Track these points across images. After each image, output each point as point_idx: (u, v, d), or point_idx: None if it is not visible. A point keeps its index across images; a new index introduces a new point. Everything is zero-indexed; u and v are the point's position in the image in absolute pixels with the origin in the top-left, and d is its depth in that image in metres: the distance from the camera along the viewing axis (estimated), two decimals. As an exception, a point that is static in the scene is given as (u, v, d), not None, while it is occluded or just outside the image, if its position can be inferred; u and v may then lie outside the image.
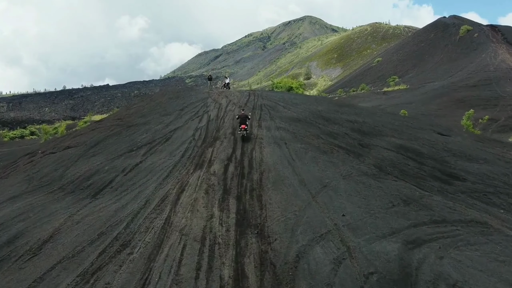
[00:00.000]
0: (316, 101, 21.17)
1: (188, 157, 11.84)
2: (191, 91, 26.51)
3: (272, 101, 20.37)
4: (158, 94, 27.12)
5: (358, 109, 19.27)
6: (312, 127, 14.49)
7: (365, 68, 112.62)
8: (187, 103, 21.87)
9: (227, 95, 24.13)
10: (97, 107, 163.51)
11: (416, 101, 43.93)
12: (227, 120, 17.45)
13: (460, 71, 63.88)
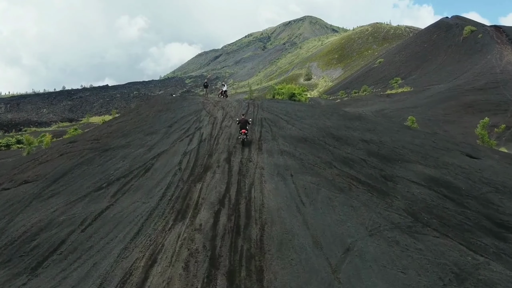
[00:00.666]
0: (323, 114, 19.15)
1: (169, 200, 9.45)
2: (184, 101, 24.26)
3: (274, 114, 18.54)
4: (146, 106, 24.75)
5: (370, 123, 17.29)
6: (322, 150, 12.57)
7: (367, 69, 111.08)
8: (177, 117, 19.67)
9: (224, 106, 22.20)
10: (95, 108, 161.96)
11: (422, 105, 42.37)
12: (222, 140, 15.33)
13: (465, 73, 62.30)
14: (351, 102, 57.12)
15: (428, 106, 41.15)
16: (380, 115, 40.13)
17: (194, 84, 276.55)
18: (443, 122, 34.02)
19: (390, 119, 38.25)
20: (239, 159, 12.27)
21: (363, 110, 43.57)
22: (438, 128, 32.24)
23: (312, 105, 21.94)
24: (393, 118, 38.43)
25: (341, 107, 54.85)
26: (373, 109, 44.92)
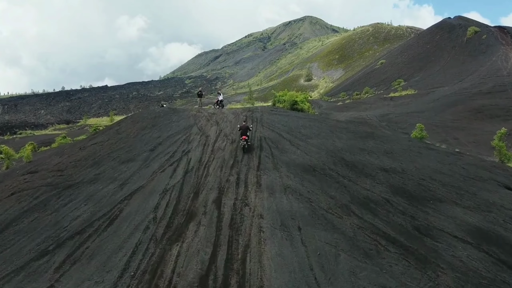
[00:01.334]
0: (330, 131, 16.79)
1: (131, 277, 6.87)
2: (174, 114, 21.70)
3: (275, 132, 16.22)
4: (129, 121, 21.35)
5: (386, 141, 15.31)
6: (334, 186, 10.32)
7: (368, 70, 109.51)
8: (163, 136, 17.17)
9: (218, 120, 19.90)
10: (94, 110, 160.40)
11: (428, 109, 40.80)
12: (213, 170, 12.69)
13: (470, 75, 60.72)
14: (354, 105, 55.51)
15: (435, 111, 39.55)
16: (385, 120, 38.59)
17: (193, 84, 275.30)
18: (452, 129, 32.42)
19: (396, 124, 36.70)
20: (232, 200, 10.03)
21: (367, 115, 42.02)
22: (447, 136, 30.65)
23: (318, 119, 19.54)
24: (399, 123, 36.88)
25: (344, 110, 53.30)
26: (377, 113, 43.33)
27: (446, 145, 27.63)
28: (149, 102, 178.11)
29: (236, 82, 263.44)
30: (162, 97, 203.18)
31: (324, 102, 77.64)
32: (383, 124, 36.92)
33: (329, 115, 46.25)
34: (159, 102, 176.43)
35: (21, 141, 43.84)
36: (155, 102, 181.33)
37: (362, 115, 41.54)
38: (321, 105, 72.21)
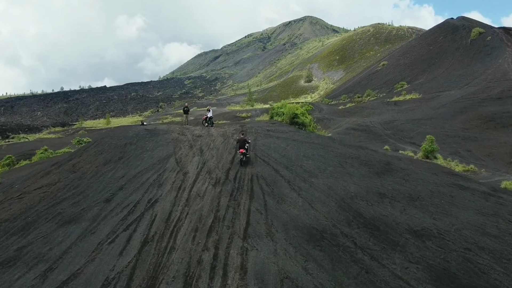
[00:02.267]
0: (340, 163, 13.90)
1: None
2: (151, 139, 17.94)
3: (271, 165, 13.43)
4: (93, 151, 17.44)
5: (408, 179, 12.77)
6: (353, 271, 7.36)
7: (370, 72, 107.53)
8: (129, 175, 13.67)
9: (203, 146, 16.82)
10: (91, 111, 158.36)
11: (436, 116, 38.86)
12: (182, 239, 9.34)
13: (476, 79, 58.78)
14: (357, 110, 53.53)
15: (443, 118, 37.57)
16: (390, 128, 36.65)
17: (193, 85, 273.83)
18: (463, 139, 30.45)
19: (402, 133, 34.73)
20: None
21: (371, 121, 40.08)
22: (459, 147, 28.68)
23: (322, 143, 16.39)
24: (405, 132, 34.95)
25: (346, 115, 51.40)
26: (382, 119, 41.35)
27: (459, 159, 25.66)
28: (148, 103, 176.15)
29: (236, 82, 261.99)
30: (161, 98, 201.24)
31: (325, 106, 75.69)
32: (389, 133, 34.97)
33: (331, 121, 44.36)
34: (158, 104, 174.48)
35: (8, 148, 41.75)
36: (154, 103, 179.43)
37: (366, 122, 39.62)
38: (322, 109, 70.22)
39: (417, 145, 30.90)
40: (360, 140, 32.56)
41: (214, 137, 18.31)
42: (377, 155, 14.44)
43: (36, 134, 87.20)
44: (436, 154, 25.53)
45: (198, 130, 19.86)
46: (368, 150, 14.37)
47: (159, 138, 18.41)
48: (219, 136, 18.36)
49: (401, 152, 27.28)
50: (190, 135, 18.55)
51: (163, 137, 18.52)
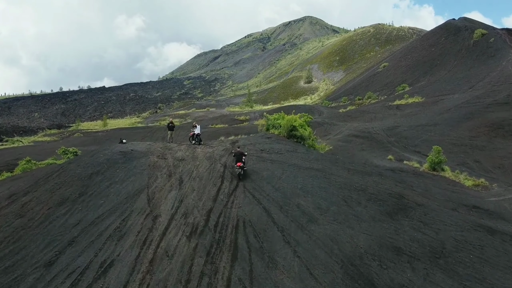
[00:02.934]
0: (344, 199, 11.65)
1: None
2: (123, 165, 15.33)
3: (262, 204, 11.02)
4: (50, 185, 14.42)
5: (427, 223, 10.71)
6: None
7: (371, 73, 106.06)
8: (85, 221, 11.24)
9: (184, 175, 14.22)
10: (89, 112, 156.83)
11: (440, 122, 37.41)
12: None
13: (480, 82, 57.37)
14: (358, 114, 52.07)
15: (448, 124, 36.12)
16: (394, 135, 35.20)
17: (192, 86, 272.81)
18: (471, 148, 29.00)
19: (406, 140, 33.28)
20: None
21: (373, 127, 38.64)
22: (467, 158, 27.24)
23: (323, 170, 14.14)
24: (409, 139, 33.51)
25: (347, 120, 49.96)
26: (384, 125, 39.90)
27: (467, 171, 24.21)
28: (146, 104, 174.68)
29: (235, 83, 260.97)
30: (160, 99, 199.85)
31: (325, 108, 74.26)
32: (392, 140, 33.53)
33: (332, 126, 42.91)
34: (156, 104, 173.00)
35: None
36: (152, 104, 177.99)
37: (368, 128, 38.17)
38: (322, 112, 68.76)
39: (422, 154, 29.47)
40: (362, 148, 31.12)
41: (199, 160, 15.68)
42: (386, 182, 12.71)
43: (31, 136, 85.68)
44: (443, 166, 24.08)
45: (181, 151, 16.97)
46: (375, 177, 12.68)
47: (133, 164, 15.70)
48: (205, 159, 15.74)
49: (406, 163, 25.85)
50: (172, 158, 15.95)
51: (138, 162, 15.77)
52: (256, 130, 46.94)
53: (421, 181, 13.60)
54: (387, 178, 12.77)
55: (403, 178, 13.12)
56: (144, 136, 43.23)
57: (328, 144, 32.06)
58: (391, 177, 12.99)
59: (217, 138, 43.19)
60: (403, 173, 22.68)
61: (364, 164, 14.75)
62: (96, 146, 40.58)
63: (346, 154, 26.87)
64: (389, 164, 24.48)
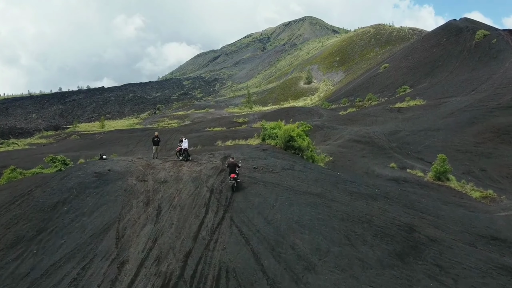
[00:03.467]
0: (346, 235, 10.09)
1: None
2: (95, 191, 13.43)
3: (250, 246, 9.33)
4: (7, 217, 12.47)
5: (446, 269, 9.21)
6: None
7: (371, 74, 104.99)
8: (38, 269, 9.43)
9: (163, 203, 12.35)
10: (87, 113, 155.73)
11: (443, 126, 36.38)
12: None
13: (483, 84, 56.36)
14: (359, 117, 51.01)
15: (452, 129, 35.07)
16: (395, 140, 34.16)
17: (192, 86, 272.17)
18: (476, 156, 27.96)
19: (409, 146, 32.22)
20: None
21: (374, 132, 37.58)
22: (472, 165, 26.19)
23: (323, 193, 12.30)
24: (411, 145, 32.47)
25: (348, 123, 48.91)
26: (386, 129, 38.85)
27: (473, 180, 23.16)
28: (145, 105, 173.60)
29: (235, 83, 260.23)
30: (159, 99, 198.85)
31: (325, 111, 73.22)
32: (394, 146, 32.47)
33: (332, 130, 41.85)
34: (155, 105, 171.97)
35: None
36: (151, 105, 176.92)
37: (369, 133, 37.11)
38: (321, 115, 67.72)
39: (425, 162, 28.43)
40: (364, 154, 30.07)
41: (183, 183, 13.59)
42: (394, 209, 11.37)
43: (27, 138, 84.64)
44: (448, 175, 23.04)
45: (165, 171, 14.65)
46: (381, 202, 11.41)
47: (108, 188, 13.50)
48: (190, 181, 13.64)
49: (409, 171, 24.80)
50: (152, 180, 13.80)
51: (114, 186, 13.58)
52: (254, 133, 45.93)
53: (430, 202, 12.32)
54: (393, 202, 11.42)
55: (411, 199, 11.86)
56: (140, 141, 42.19)
57: (328, 151, 31.02)
58: (398, 200, 11.59)
59: (214, 142, 42.18)
60: (407, 183, 21.63)
61: (367, 183, 13.02)
62: (90, 151, 39.47)
63: (347, 162, 25.83)
64: (392, 173, 23.45)
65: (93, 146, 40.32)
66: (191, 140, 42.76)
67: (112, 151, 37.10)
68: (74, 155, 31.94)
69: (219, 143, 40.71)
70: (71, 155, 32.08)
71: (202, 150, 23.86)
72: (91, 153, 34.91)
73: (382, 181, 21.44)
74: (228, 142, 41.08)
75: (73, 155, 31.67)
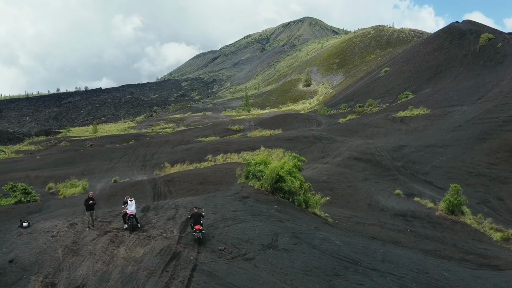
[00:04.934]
0: None
1: None
2: None
3: None
4: None
5: None
6: None
7: (371, 78, 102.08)
8: None
9: None
10: (82, 116, 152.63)
11: (451, 141, 33.52)
12: None
13: (490, 92, 53.55)
14: (359, 127, 48.13)
15: (461, 146, 32.22)
16: (400, 158, 31.28)
17: (190, 87, 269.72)
18: (491, 180, 25.11)
19: (415, 166, 29.36)
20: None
21: (376, 147, 34.69)
22: (487, 193, 23.34)
23: None
24: (418, 164, 29.61)
25: (347, 134, 46.04)
26: (389, 144, 35.98)
27: (490, 213, 20.32)
28: (142, 107, 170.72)
29: (234, 85, 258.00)
30: (156, 101, 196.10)
31: (324, 118, 70.32)
32: (398, 165, 29.62)
33: (331, 143, 39.00)
34: (152, 108, 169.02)
35: None
36: (148, 107, 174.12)
37: (371, 148, 34.27)
38: (320, 122, 64.86)
39: (434, 186, 25.62)
40: (366, 176, 27.23)
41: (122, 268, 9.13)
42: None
43: (16, 145, 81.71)
44: (463, 208, 20.21)
45: (91, 260, 9.77)
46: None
47: None
48: (119, 286, 8.75)
49: (417, 200, 21.98)
50: (64, 285, 8.89)
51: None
52: (248, 145, 43.00)
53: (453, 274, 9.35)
54: None
55: (431, 279, 8.91)
56: (125, 154, 39.29)
57: (327, 171, 28.19)
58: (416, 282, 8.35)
59: (204, 156, 39.29)
60: (417, 220, 18.82)
61: (375, 265, 9.25)
62: (68, 168, 36.07)
63: (347, 190, 22.98)
64: (398, 205, 20.62)
65: (74, 161, 37.44)
66: (179, 154, 39.85)
67: (93, 167, 34.24)
68: (47, 175, 29.07)
69: (209, 158, 37.88)
70: (45, 175, 29.24)
71: (170, 196, 19.37)
72: (68, 171, 32.03)
73: (388, 218, 18.60)
74: (219, 156, 38.24)
75: (47, 176, 28.82)
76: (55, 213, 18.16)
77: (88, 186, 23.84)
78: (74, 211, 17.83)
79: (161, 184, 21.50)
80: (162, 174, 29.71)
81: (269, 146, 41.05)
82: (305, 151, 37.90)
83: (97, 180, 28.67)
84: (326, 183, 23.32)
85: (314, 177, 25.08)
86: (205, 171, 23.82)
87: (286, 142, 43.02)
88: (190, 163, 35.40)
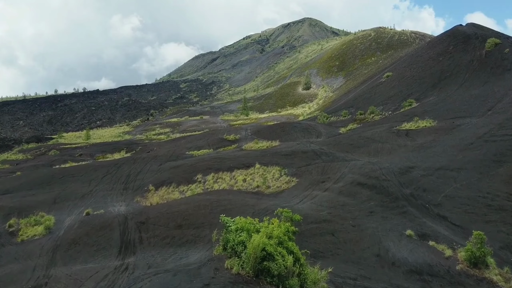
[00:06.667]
0: None
1: None
2: None
3: None
4: None
5: None
6: None
7: (373, 84, 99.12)
8: None
9: None
10: (76, 120, 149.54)
11: (464, 164, 30.48)
12: None
13: (500, 102, 50.56)
14: (361, 142, 45.05)
15: (475, 169, 29.18)
16: (408, 184, 28.26)
17: (188, 89, 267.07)
18: (514, 216, 22.03)
19: (426, 195, 26.31)
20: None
21: (382, 169, 31.66)
22: (510, 232, 20.28)
23: None
24: (429, 192, 26.60)
25: (349, 150, 43.05)
26: (395, 164, 32.93)
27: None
28: (138, 110, 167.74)
29: (233, 87, 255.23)
30: (154, 104, 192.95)
31: (324, 127, 67.15)
32: (407, 194, 26.56)
33: (331, 161, 35.95)
34: (149, 111, 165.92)
35: None
36: (145, 110, 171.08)
37: (375, 169, 31.24)
38: (320, 133, 61.78)
39: (449, 222, 22.57)
40: (371, 208, 24.18)
41: None
42: None
43: (4, 153, 78.53)
44: (487, 259, 17.15)
45: None
46: None
47: None
48: None
49: (432, 245, 18.94)
50: None
51: None
52: (242, 162, 39.91)
53: None
54: None
55: None
56: (107, 173, 36.21)
57: (327, 201, 25.13)
58: None
59: (193, 176, 36.25)
60: (435, 279, 15.74)
61: None
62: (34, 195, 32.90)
63: (350, 230, 19.90)
64: (411, 255, 17.55)
65: (52, 181, 34.34)
66: (166, 173, 36.78)
67: (69, 192, 31.13)
68: (13, 205, 25.94)
69: (198, 178, 34.80)
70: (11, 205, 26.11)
71: (140, 246, 17.10)
72: (40, 197, 28.94)
73: (401, 278, 15.50)
74: (210, 176, 35.15)
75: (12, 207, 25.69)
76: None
77: (53, 224, 20.73)
78: (23, 269, 14.71)
79: (132, 228, 18.49)
80: (142, 203, 26.64)
81: (264, 163, 38.03)
82: (303, 171, 34.87)
83: (69, 210, 25.60)
84: (326, 223, 20.25)
85: (313, 212, 22.02)
86: (186, 208, 20.77)
87: (283, 158, 39.98)
88: (176, 186, 32.37)
